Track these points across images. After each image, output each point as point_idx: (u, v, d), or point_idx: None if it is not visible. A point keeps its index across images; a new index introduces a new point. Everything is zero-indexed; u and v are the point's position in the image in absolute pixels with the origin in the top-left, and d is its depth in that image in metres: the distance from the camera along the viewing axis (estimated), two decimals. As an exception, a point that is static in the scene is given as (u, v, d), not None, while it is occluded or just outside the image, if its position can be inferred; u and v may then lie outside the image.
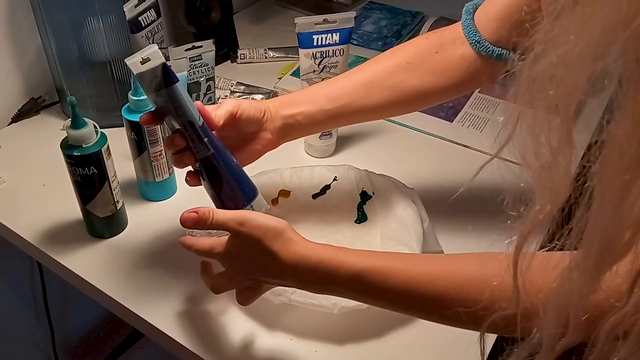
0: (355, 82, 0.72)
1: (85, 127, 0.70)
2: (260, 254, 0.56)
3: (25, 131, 0.99)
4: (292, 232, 0.57)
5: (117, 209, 0.78)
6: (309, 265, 0.55)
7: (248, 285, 0.61)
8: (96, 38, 0.92)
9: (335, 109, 0.71)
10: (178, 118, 0.60)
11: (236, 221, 0.56)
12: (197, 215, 0.57)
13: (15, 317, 1.14)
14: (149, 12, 0.89)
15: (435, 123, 1.01)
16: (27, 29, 0.96)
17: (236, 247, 0.58)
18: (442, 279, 0.51)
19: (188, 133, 0.60)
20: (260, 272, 0.58)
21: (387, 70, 0.71)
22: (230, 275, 0.61)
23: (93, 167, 0.72)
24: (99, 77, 0.96)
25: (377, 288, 0.54)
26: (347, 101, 0.71)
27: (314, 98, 0.71)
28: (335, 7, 1.37)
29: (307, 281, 0.57)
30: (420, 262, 0.55)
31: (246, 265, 0.59)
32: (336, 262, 0.55)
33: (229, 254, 0.59)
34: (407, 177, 0.82)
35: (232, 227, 0.56)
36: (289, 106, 0.70)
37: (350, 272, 0.54)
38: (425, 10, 1.32)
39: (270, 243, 0.56)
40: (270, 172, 0.82)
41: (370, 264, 0.54)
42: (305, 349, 0.67)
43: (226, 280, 0.61)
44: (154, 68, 0.56)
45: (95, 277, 0.74)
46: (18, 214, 0.83)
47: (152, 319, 0.70)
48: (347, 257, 0.55)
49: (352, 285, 0.55)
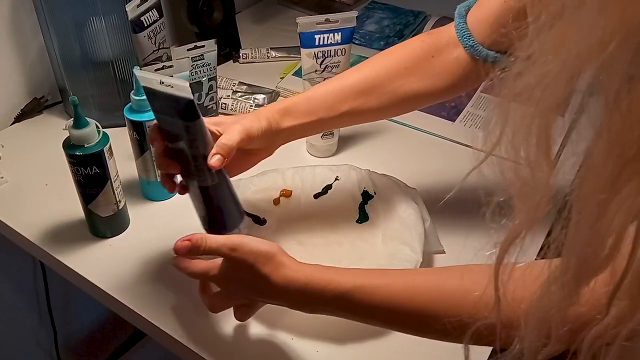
0: (353, 88, 0.72)
1: (87, 126, 0.71)
2: (254, 277, 0.58)
3: (28, 131, 0.99)
4: (283, 255, 0.59)
5: (119, 208, 0.78)
6: (298, 286, 0.57)
7: (244, 302, 0.62)
8: (98, 38, 0.92)
9: (335, 118, 0.72)
10: (190, 149, 0.60)
11: (229, 247, 0.58)
12: (190, 244, 0.59)
13: (18, 317, 1.14)
14: (151, 12, 0.89)
15: (437, 123, 1.01)
16: (29, 28, 0.96)
17: (230, 270, 0.60)
18: (422, 293, 0.53)
19: (196, 163, 0.61)
20: (254, 293, 0.60)
21: (387, 75, 0.72)
22: (226, 295, 0.63)
23: (95, 166, 0.72)
24: (102, 77, 0.96)
25: (363, 306, 0.55)
26: (347, 109, 0.71)
27: (314, 109, 0.71)
28: (338, 6, 1.37)
29: (298, 302, 0.58)
30: (401, 277, 0.56)
31: (241, 287, 0.60)
32: (323, 283, 0.56)
33: (223, 277, 0.60)
34: (408, 176, 0.82)
35: (225, 253, 0.58)
36: (290, 118, 0.70)
37: (337, 291, 0.55)
38: (428, 10, 1.32)
39: (262, 267, 0.57)
40: (272, 172, 0.82)
41: (354, 282, 0.55)
42: (306, 348, 0.67)
43: (223, 299, 0.63)
44: (184, 98, 0.56)
45: (97, 277, 0.74)
46: (21, 213, 0.83)
47: (154, 319, 0.70)
48: (333, 277, 0.56)
49: (339, 305, 0.56)
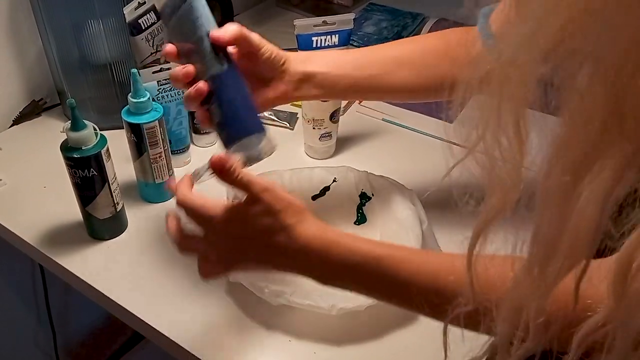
0: (385, 55, 0.70)
1: (85, 129, 0.71)
2: (272, 225, 0.53)
3: (27, 133, 0.99)
4: (311, 214, 0.54)
5: (117, 210, 0.78)
6: (324, 244, 0.52)
7: (219, 259, 0.56)
8: (96, 40, 0.92)
9: (361, 78, 0.68)
10: (197, 29, 0.59)
11: (261, 185, 0.53)
12: (227, 163, 0.53)
13: (17, 319, 1.14)
14: (149, 15, 0.89)
15: (435, 124, 1.01)
16: (27, 31, 0.97)
17: (247, 213, 0.53)
18: (451, 272, 0.49)
19: (203, 47, 0.59)
20: (267, 249, 0.54)
21: (424, 50, 0.70)
22: (210, 240, 0.56)
23: (93, 169, 0.72)
24: (100, 80, 0.96)
25: (390, 276, 0.51)
26: (375, 72, 0.68)
27: (340, 62, 0.69)
28: (336, 8, 1.37)
29: (316, 263, 0.53)
30: (434, 255, 0.57)
31: (255, 239, 0.54)
32: (353, 246, 0.52)
33: (231, 220, 0.54)
34: (406, 178, 0.82)
35: (254, 191, 0.53)
36: (311, 63, 0.68)
37: (368, 256, 0.51)
38: (426, 12, 1.32)
39: (288, 217, 0.53)
40: (270, 174, 0.82)
41: (388, 251, 0.52)
42: (303, 350, 0.67)
43: (201, 243, 0.56)
44: None
45: (95, 279, 0.74)
46: (19, 215, 0.83)
47: (152, 321, 0.70)
48: (363, 242, 0.53)
49: (365, 270, 0.52)
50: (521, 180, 0.33)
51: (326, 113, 0.90)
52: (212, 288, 0.73)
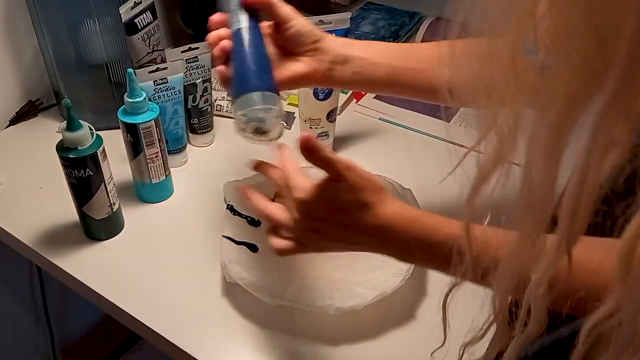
0: (428, 51, 0.68)
1: (81, 129, 0.71)
2: (355, 202, 0.54)
3: (23, 134, 0.99)
4: (390, 192, 0.55)
5: (113, 211, 0.78)
6: (406, 220, 0.53)
7: (297, 235, 0.58)
8: (93, 40, 0.92)
9: (401, 69, 0.67)
10: None
11: (345, 164, 0.54)
12: (316, 142, 0.54)
13: (15, 320, 1.14)
14: (145, 14, 0.89)
15: (432, 123, 1.01)
16: (24, 31, 0.96)
17: (331, 190, 0.55)
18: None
19: (233, 3, 0.62)
20: (350, 224, 0.55)
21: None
22: (309, 226, 0.57)
23: (89, 169, 0.72)
24: (96, 80, 0.96)
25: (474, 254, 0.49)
26: (418, 66, 0.67)
27: (381, 50, 0.67)
28: (333, 7, 1.37)
29: (398, 240, 0.53)
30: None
31: (337, 214, 0.55)
32: (438, 223, 0.53)
33: (324, 198, 0.55)
34: (403, 177, 0.82)
35: (338, 169, 0.54)
36: (350, 47, 0.66)
37: (450, 236, 0.50)
38: (423, 11, 1.32)
39: (370, 195, 0.54)
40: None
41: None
42: (301, 350, 0.67)
43: (285, 217, 0.58)
44: None
45: (92, 279, 0.74)
46: (15, 216, 0.83)
47: (149, 321, 0.69)
48: (444, 223, 0.53)
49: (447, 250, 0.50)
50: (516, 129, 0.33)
51: (323, 112, 0.90)
52: (209, 288, 0.73)
